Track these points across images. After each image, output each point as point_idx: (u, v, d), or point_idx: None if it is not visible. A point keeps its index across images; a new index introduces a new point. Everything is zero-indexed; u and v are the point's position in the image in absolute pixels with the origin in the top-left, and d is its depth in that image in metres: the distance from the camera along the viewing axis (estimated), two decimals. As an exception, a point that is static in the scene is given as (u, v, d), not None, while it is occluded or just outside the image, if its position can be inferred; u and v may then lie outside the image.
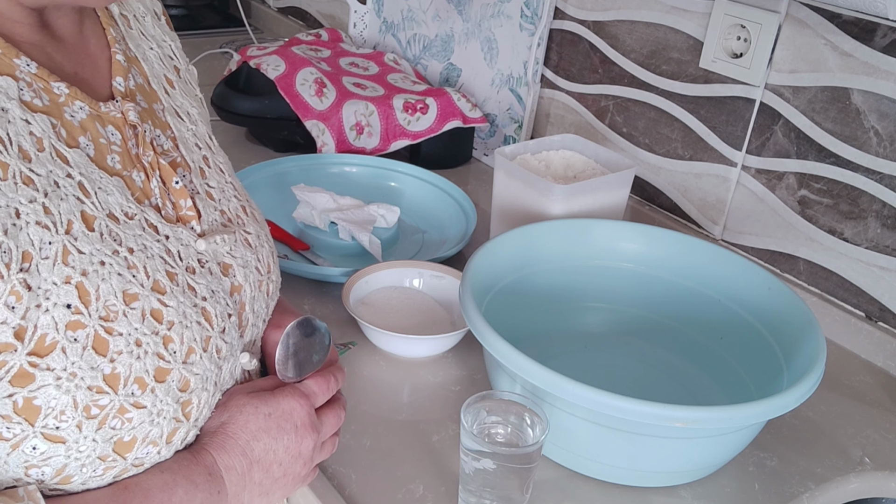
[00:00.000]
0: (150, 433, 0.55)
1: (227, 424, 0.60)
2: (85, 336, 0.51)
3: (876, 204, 0.95)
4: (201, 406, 0.59)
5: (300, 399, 0.63)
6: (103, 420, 0.52)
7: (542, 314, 0.94)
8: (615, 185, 1.04)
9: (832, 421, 0.88)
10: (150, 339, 0.54)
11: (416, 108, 1.32)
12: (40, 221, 0.50)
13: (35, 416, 0.50)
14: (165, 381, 0.55)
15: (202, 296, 0.59)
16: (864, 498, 0.81)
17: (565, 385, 0.67)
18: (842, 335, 1.00)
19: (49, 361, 0.49)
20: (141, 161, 0.59)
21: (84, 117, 0.56)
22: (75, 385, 0.50)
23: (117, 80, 0.60)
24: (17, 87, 0.51)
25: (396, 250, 1.12)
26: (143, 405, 0.54)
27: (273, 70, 1.33)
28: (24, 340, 0.48)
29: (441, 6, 1.46)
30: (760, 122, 1.05)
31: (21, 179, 0.49)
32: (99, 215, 0.53)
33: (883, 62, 0.90)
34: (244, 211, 0.69)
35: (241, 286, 0.64)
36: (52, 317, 0.49)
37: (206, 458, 0.58)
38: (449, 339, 0.91)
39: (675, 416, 0.66)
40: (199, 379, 0.57)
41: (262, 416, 0.61)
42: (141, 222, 0.57)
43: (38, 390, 0.49)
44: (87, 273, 0.51)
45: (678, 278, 0.93)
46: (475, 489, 0.70)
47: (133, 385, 0.53)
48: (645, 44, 1.16)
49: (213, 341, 0.59)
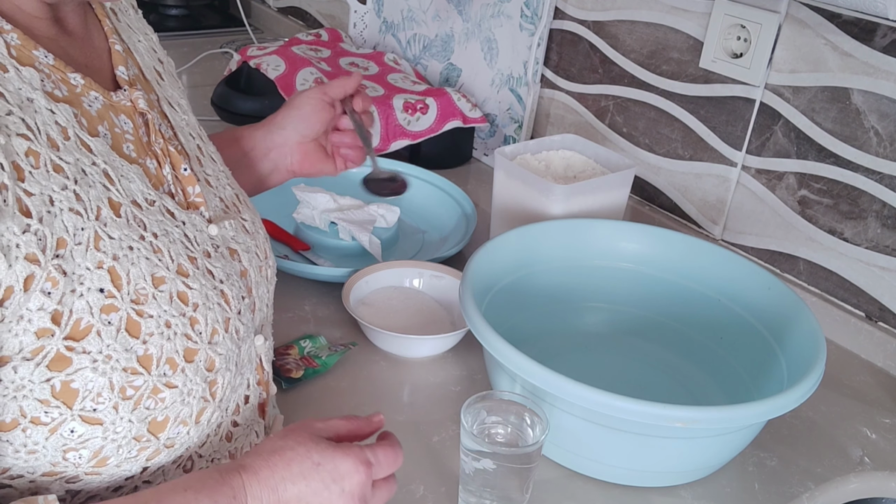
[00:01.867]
0: (181, 412, 0.56)
1: (274, 454, 0.56)
2: (118, 319, 0.52)
3: (876, 204, 0.95)
4: (225, 386, 0.60)
5: (361, 465, 0.57)
6: (138, 400, 0.53)
7: (542, 314, 0.94)
8: (615, 185, 1.04)
9: (832, 421, 0.88)
10: (179, 320, 0.55)
11: (416, 108, 1.32)
12: (73, 208, 0.51)
13: (73, 399, 0.51)
14: (194, 361, 0.56)
15: (219, 278, 0.61)
16: (864, 498, 0.81)
17: (566, 385, 0.67)
18: (842, 335, 1.00)
19: (85, 345, 0.50)
20: (152, 149, 0.60)
21: (100, 107, 0.57)
22: (111, 367, 0.52)
23: (120, 70, 0.61)
24: (40, 78, 0.53)
25: (396, 250, 1.12)
26: (175, 385, 0.55)
27: (273, 70, 1.33)
28: (60, 325, 0.50)
29: (441, 6, 1.46)
30: (760, 122, 1.05)
31: (52, 167, 0.50)
32: (124, 202, 0.55)
33: (883, 62, 0.90)
34: (238, 198, 0.70)
35: (247, 270, 0.66)
36: (87, 301, 0.51)
37: (236, 480, 0.55)
38: (449, 339, 0.91)
39: (676, 416, 0.66)
40: (223, 359, 0.59)
41: (310, 462, 0.56)
42: (161, 208, 0.58)
43: (75, 373, 0.50)
44: (118, 258, 0.53)
45: (678, 278, 0.93)
46: (475, 489, 0.70)
47: (165, 365, 0.54)
48: (645, 44, 1.16)
49: (233, 322, 0.60)
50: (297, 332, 0.93)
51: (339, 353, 0.89)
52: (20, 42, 0.52)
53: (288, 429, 0.59)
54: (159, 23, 1.91)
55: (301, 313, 0.97)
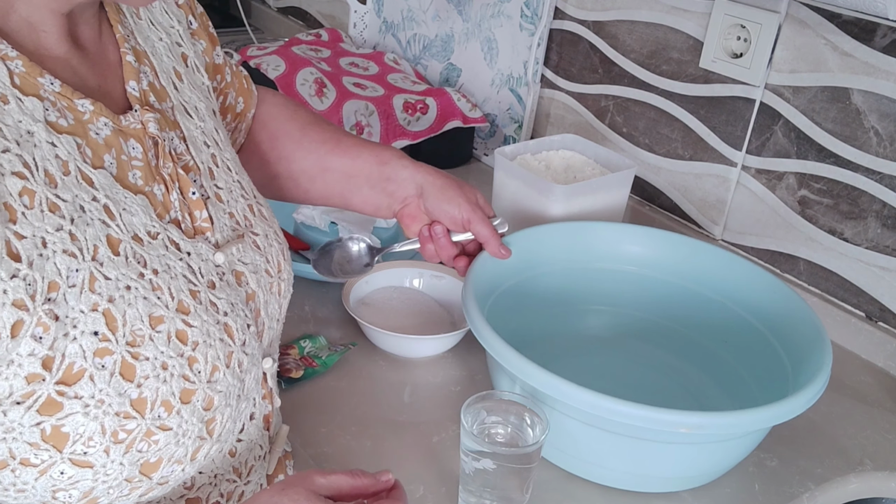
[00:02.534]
0: (175, 453, 0.54)
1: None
2: (112, 362, 0.50)
3: (876, 204, 0.95)
4: (224, 422, 0.58)
5: None
6: (130, 444, 0.52)
7: (544, 317, 0.93)
8: (615, 185, 1.04)
9: (832, 421, 0.88)
10: (176, 361, 0.53)
11: (416, 108, 1.32)
12: (67, 249, 0.49)
13: (63, 442, 0.49)
14: (190, 402, 0.54)
15: (223, 311, 0.58)
16: (864, 498, 0.81)
17: (569, 390, 0.67)
18: (842, 335, 1.00)
19: (77, 389, 0.49)
20: (161, 173, 0.58)
21: (108, 134, 0.54)
22: (103, 412, 0.50)
23: (130, 85, 0.59)
24: (43, 108, 0.51)
25: (395, 251, 1.12)
26: (169, 427, 0.53)
27: (273, 70, 1.33)
28: (52, 370, 0.48)
29: (441, 6, 1.46)
30: (760, 122, 1.05)
31: (47, 206, 0.48)
32: (124, 238, 0.53)
33: (883, 62, 0.90)
34: (251, 210, 0.67)
35: (254, 293, 0.63)
36: (80, 345, 0.49)
37: None
38: (449, 339, 0.91)
39: (681, 421, 0.65)
40: (223, 396, 0.57)
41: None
42: (164, 241, 0.56)
43: (65, 418, 0.49)
44: (114, 299, 0.51)
45: (681, 281, 0.93)
46: (475, 489, 0.70)
47: (160, 408, 0.52)
48: (645, 44, 1.16)
49: (235, 356, 0.58)
50: (297, 332, 0.93)
51: (339, 353, 0.89)
52: (25, 69, 0.50)
53: (287, 483, 0.56)
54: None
55: (301, 313, 0.97)
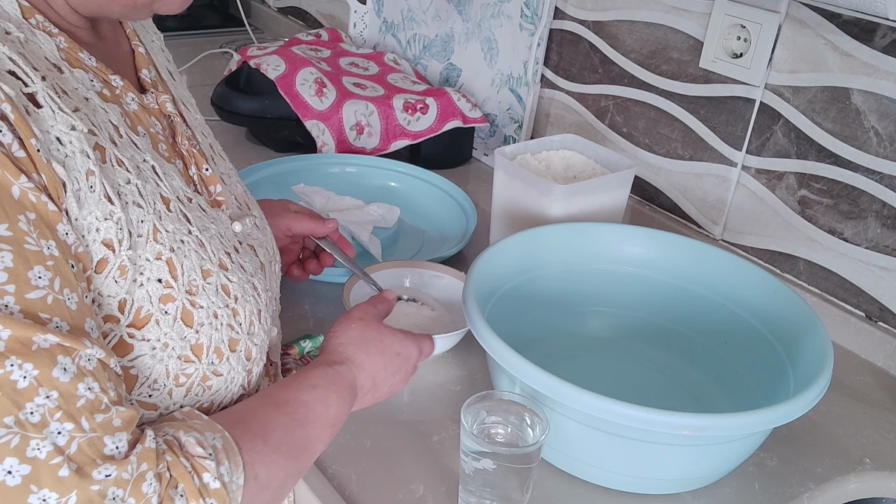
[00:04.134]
0: (224, 399, 0.59)
1: (371, 346, 0.69)
2: (175, 308, 0.54)
3: (876, 204, 0.95)
4: (259, 375, 0.63)
5: (419, 353, 0.74)
6: (189, 388, 0.56)
7: (545, 318, 0.93)
8: (615, 185, 1.04)
9: (832, 421, 0.88)
10: (224, 311, 0.58)
11: (416, 108, 1.32)
12: (135, 201, 0.52)
13: (131, 385, 0.53)
14: (236, 351, 0.59)
15: (250, 272, 0.63)
16: (864, 498, 0.81)
17: (571, 392, 0.67)
18: (842, 335, 1.00)
19: (145, 332, 0.53)
20: (178, 150, 0.62)
21: (136, 108, 0.59)
22: (167, 355, 0.54)
23: (143, 73, 0.63)
24: (89, 79, 0.55)
25: (396, 250, 1.12)
26: (221, 373, 0.58)
27: (273, 70, 1.33)
28: (125, 312, 0.52)
29: (441, 6, 1.46)
30: (760, 122, 1.05)
31: (115, 162, 0.52)
32: (171, 197, 0.57)
33: (883, 62, 0.90)
34: (247, 196, 0.73)
35: (264, 265, 0.68)
36: (147, 291, 0.53)
37: (349, 374, 0.66)
38: (449, 339, 0.91)
39: (683, 423, 0.65)
40: (258, 349, 0.62)
41: (393, 352, 0.70)
42: (198, 205, 0.60)
43: (135, 360, 0.53)
44: (175, 249, 0.55)
45: (682, 282, 0.93)
46: (475, 489, 0.70)
47: (213, 354, 0.57)
48: (645, 44, 1.16)
49: (263, 314, 0.63)
50: (297, 331, 0.93)
51: (339, 353, 0.89)
52: (67, 45, 0.54)
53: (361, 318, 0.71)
54: (159, 22, 1.89)
55: (301, 313, 0.97)
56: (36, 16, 0.53)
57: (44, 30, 0.53)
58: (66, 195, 0.47)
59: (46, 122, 0.48)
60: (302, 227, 0.89)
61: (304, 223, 0.89)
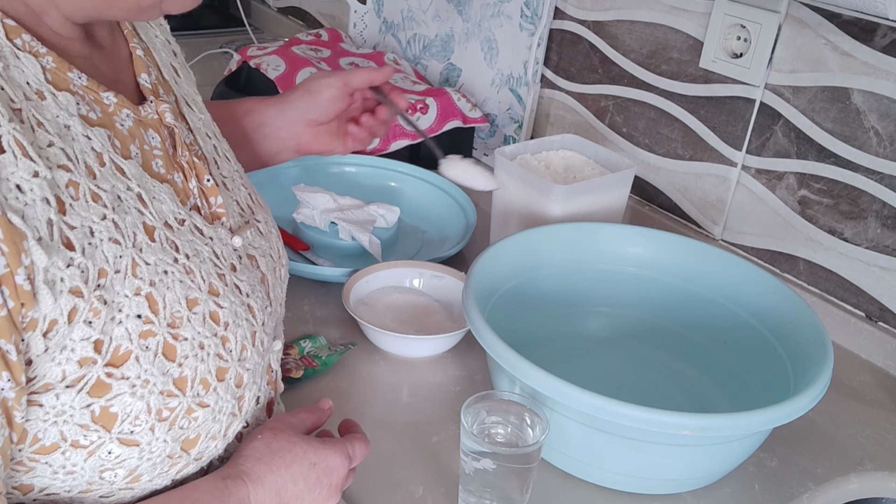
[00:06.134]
0: (211, 429, 0.57)
1: (275, 458, 0.60)
2: (156, 343, 0.53)
3: (876, 204, 0.95)
4: (251, 400, 0.61)
5: (344, 461, 0.63)
6: (173, 421, 0.54)
7: (545, 318, 0.93)
8: (615, 185, 1.04)
9: (832, 421, 0.88)
10: (211, 340, 0.56)
11: (416, 108, 1.32)
12: (112, 237, 0.51)
13: (112, 422, 0.51)
14: (225, 380, 0.57)
15: (245, 292, 0.61)
16: (864, 498, 0.81)
17: (571, 392, 0.67)
18: (842, 335, 1.00)
19: (124, 370, 0.51)
20: (178, 162, 0.60)
21: (131, 125, 0.57)
22: (148, 391, 0.52)
23: (143, 77, 0.61)
24: (75, 102, 0.52)
25: (396, 250, 1.12)
26: (207, 404, 0.56)
27: (273, 70, 1.33)
28: (101, 353, 0.50)
29: (441, 6, 1.46)
30: (760, 122, 1.05)
31: (91, 197, 0.50)
32: (157, 225, 0.55)
33: (883, 62, 0.90)
34: (251, 198, 0.70)
35: (265, 276, 0.66)
36: (126, 328, 0.51)
37: (242, 490, 0.58)
38: (449, 339, 0.91)
39: (683, 423, 0.65)
40: (251, 374, 0.60)
41: (307, 463, 0.61)
42: (190, 227, 0.58)
43: (114, 398, 0.51)
44: (155, 283, 0.53)
45: (682, 282, 0.93)
46: (475, 489, 0.70)
47: (199, 386, 0.55)
48: (645, 44, 1.16)
49: (259, 335, 0.61)
50: (297, 331, 0.93)
51: (338, 352, 0.89)
52: (55, 65, 0.52)
53: (272, 428, 0.62)
54: (159, 23, 1.90)
55: (301, 313, 0.97)
56: (22, 35, 0.51)
57: (30, 51, 0.51)
58: (28, 246, 0.45)
59: (7, 168, 0.45)
60: (358, 78, 0.87)
61: (360, 74, 0.87)
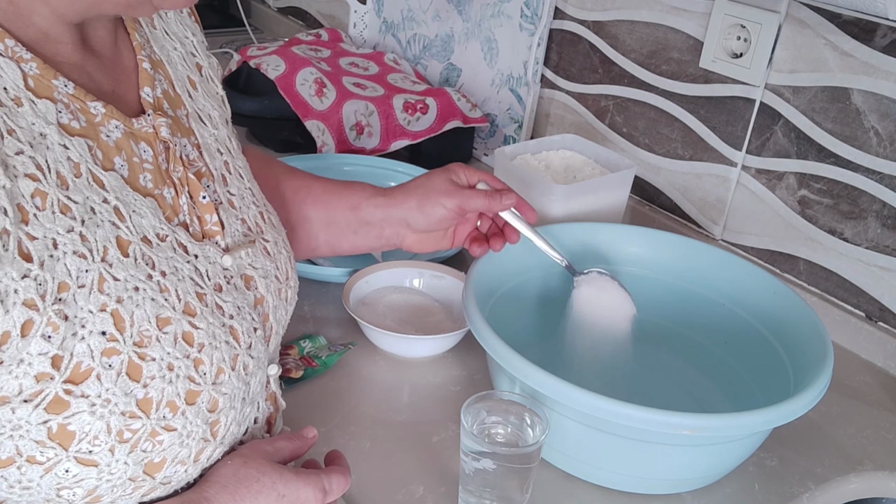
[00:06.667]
0: (179, 454, 0.55)
1: (241, 486, 0.58)
2: (119, 362, 0.51)
3: (876, 204, 0.95)
4: (229, 424, 0.58)
5: (318, 494, 0.60)
6: (135, 444, 0.52)
7: (545, 319, 0.93)
8: (615, 185, 1.04)
9: (832, 421, 0.88)
10: (182, 362, 0.54)
11: (416, 108, 1.32)
12: (77, 251, 0.49)
13: (69, 441, 0.50)
14: (195, 404, 0.55)
15: (229, 314, 0.59)
16: (864, 498, 0.81)
17: (571, 392, 0.67)
18: (842, 335, 1.00)
19: (84, 388, 0.50)
20: (171, 177, 0.58)
21: (119, 136, 0.55)
22: (109, 411, 0.51)
23: (145, 91, 0.59)
24: (56, 110, 0.51)
25: (396, 250, 1.12)
26: (174, 428, 0.54)
27: (273, 70, 1.33)
28: (60, 369, 0.49)
29: (441, 6, 1.46)
30: (760, 122, 1.05)
31: (59, 208, 0.49)
32: (133, 240, 0.53)
33: (883, 62, 0.90)
34: (262, 217, 0.68)
35: (263, 297, 0.64)
36: (88, 344, 0.50)
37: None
38: (449, 339, 0.91)
39: (683, 423, 0.65)
40: (228, 398, 0.57)
41: (276, 494, 0.58)
42: (172, 244, 0.56)
43: (72, 417, 0.49)
44: (122, 300, 0.51)
45: (682, 282, 0.93)
46: (475, 489, 0.70)
47: (165, 409, 0.53)
48: (645, 44, 1.16)
49: (241, 359, 0.59)
50: (297, 332, 0.93)
51: (338, 353, 0.89)
52: (39, 71, 0.51)
53: (243, 454, 0.59)
54: (159, 23, 1.90)
55: (301, 313, 0.97)
56: (6, 40, 0.50)
57: (13, 56, 0.50)
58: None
59: None
60: (475, 204, 0.83)
61: (477, 200, 0.83)
